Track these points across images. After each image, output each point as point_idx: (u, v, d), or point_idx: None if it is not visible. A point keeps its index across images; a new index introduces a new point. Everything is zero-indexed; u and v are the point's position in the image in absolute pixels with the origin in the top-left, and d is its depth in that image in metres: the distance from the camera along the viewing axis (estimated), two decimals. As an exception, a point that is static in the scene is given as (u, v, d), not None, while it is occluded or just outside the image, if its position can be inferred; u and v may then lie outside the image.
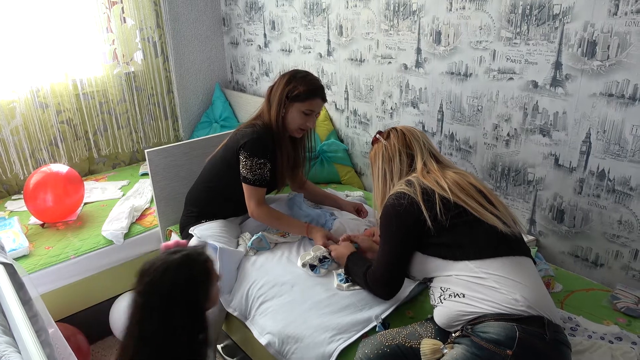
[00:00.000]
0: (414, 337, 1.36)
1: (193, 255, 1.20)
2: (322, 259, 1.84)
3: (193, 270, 1.17)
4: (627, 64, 1.62)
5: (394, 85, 2.46)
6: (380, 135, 1.57)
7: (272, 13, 3.09)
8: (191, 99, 3.58)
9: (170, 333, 1.11)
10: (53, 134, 2.94)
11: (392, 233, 1.40)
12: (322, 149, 2.77)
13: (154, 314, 1.11)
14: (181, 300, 1.12)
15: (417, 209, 1.33)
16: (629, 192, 1.74)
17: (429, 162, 1.47)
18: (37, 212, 2.41)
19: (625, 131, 1.69)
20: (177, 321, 1.11)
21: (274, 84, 1.97)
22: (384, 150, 1.51)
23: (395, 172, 1.48)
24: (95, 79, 3.06)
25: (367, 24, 2.49)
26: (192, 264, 1.18)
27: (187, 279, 1.15)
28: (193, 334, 1.13)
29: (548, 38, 1.80)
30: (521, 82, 1.93)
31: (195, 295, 1.15)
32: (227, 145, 2.01)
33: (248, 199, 1.96)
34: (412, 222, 1.35)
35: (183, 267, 1.16)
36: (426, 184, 1.38)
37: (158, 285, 1.13)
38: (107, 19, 3.02)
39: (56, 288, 2.21)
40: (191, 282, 1.15)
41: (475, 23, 2.01)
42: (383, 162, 1.51)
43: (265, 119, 1.97)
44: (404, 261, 1.41)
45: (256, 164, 1.90)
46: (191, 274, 1.16)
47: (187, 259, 1.18)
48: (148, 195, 2.75)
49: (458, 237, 1.32)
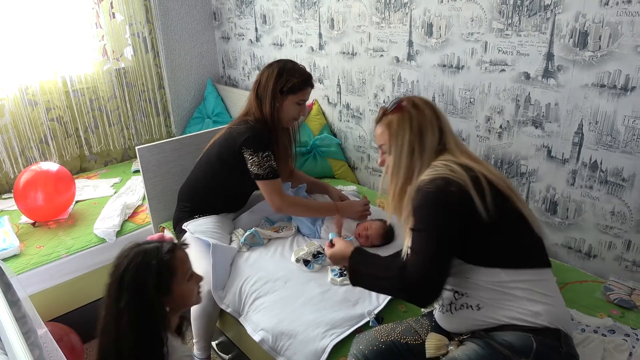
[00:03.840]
0: (409, 333, 1.34)
1: (159, 247, 1.20)
2: (316, 254, 1.83)
3: (149, 258, 1.17)
4: (618, 54, 1.61)
5: (386, 79, 2.44)
6: (405, 100, 1.30)
7: (263, 7, 3.06)
8: (183, 95, 3.55)
9: (115, 316, 1.14)
10: (43, 132, 2.91)
11: (438, 225, 1.15)
12: (315, 143, 2.76)
13: (108, 294, 1.16)
14: (129, 284, 1.14)
15: (468, 198, 1.12)
16: (621, 183, 1.74)
17: (458, 141, 1.30)
18: (28, 211, 2.39)
19: (617, 122, 1.68)
20: (123, 305, 1.13)
21: (261, 79, 1.94)
22: (413, 119, 1.26)
23: (428, 147, 1.24)
24: (85, 76, 3.03)
25: (358, 17, 2.47)
26: (152, 253, 1.18)
27: (140, 264, 1.16)
28: (138, 322, 1.13)
29: (539, 29, 1.79)
30: (513, 73, 1.92)
31: (143, 282, 1.14)
32: (222, 144, 1.98)
33: (269, 194, 1.94)
34: (462, 214, 1.13)
35: (142, 255, 1.18)
36: (472, 165, 1.18)
37: (116, 267, 1.18)
38: (96, 15, 2.98)
39: (48, 287, 2.19)
40: (142, 269, 1.15)
41: (466, 15, 2.00)
42: (411, 134, 1.25)
43: (257, 114, 1.94)
44: (449, 259, 1.16)
45: (262, 157, 1.89)
46: (146, 261, 1.16)
47: (151, 249, 1.19)
48: (140, 193, 2.73)
49: (501, 237, 1.16)
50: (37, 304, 2.03)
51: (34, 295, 2.12)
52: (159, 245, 1.22)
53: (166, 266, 1.18)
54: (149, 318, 1.14)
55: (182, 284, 1.23)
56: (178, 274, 1.21)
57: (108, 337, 1.16)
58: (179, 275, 1.21)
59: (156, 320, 1.16)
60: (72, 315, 2.27)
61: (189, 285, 1.25)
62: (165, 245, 1.22)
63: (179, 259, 1.23)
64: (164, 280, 1.17)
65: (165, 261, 1.18)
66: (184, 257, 1.26)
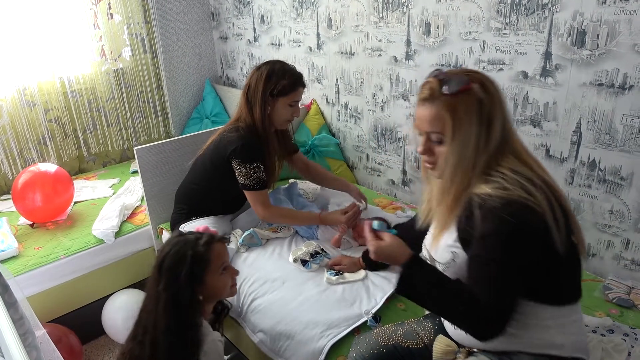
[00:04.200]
0: (411, 337, 1.30)
1: (198, 238, 1.28)
2: (314, 254, 1.83)
3: (187, 248, 1.24)
4: (616, 52, 1.61)
5: (385, 78, 2.44)
6: (470, 79, 1.05)
7: (261, 7, 3.06)
8: (181, 95, 3.55)
9: (154, 296, 1.23)
10: (41, 133, 2.91)
11: (516, 260, 1.00)
12: (313, 143, 2.75)
13: (152, 276, 1.25)
14: (166, 270, 1.23)
15: (547, 232, 0.99)
16: (619, 181, 1.74)
17: (517, 136, 1.11)
18: (26, 212, 2.39)
19: (616, 120, 1.68)
20: (161, 287, 1.21)
21: (250, 83, 1.91)
22: (483, 107, 1.04)
23: (494, 144, 1.05)
24: (83, 77, 3.02)
25: (356, 17, 2.47)
26: (190, 243, 1.26)
27: (177, 252, 1.24)
28: (172, 306, 1.20)
29: (537, 28, 1.79)
30: (511, 72, 1.91)
31: (178, 270, 1.22)
32: (213, 150, 1.97)
33: (253, 204, 1.95)
34: (541, 249, 1.01)
35: (181, 244, 1.26)
36: (544, 180, 1.03)
37: (160, 251, 1.28)
38: (93, 15, 2.98)
39: (47, 289, 2.19)
40: (179, 257, 1.23)
41: (464, 14, 1.99)
42: (480, 126, 1.04)
43: (248, 120, 1.91)
44: (517, 293, 1.04)
45: (250, 169, 1.87)
46: (183, 250, 1.24)
47: (191, 240, 1.27)
48: (139, 193, 2.72)
49: (560, 272, 1.05)
50: (36, 305, 2.03)
51: (32, 296, 2.11)
52: (198, 237, 1.29)
53: (200, 257, 1.25)
54: (182, 303, 1.21)
55: (215, 276, 1.29)
56: (211, 266, 1.27)
57: (147, 315, 1.24)
58: (212, 267, 1.27)
59: (189, 306, 1.22)
60: (71, 316, 2.27)
61: (222, 277, 1.31)
62: (204, 238, 1.29)
63: (214, 252, 1.29)
64: (197, 270, 1.24)
65: (200, 252, 1.25)
66: (221, 251, 1.32)
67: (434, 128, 1.08)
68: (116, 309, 2.23)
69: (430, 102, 1.08)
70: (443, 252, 1.13)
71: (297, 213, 2.02)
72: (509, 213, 0.97)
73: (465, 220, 1.06)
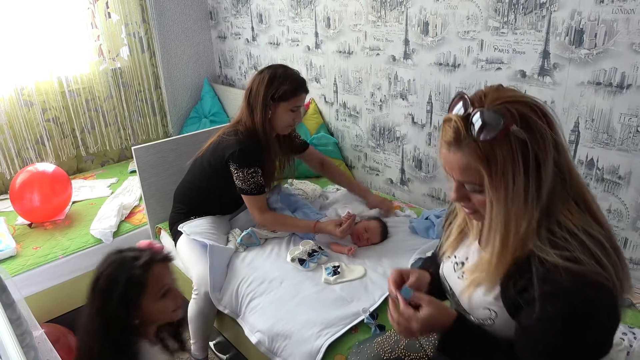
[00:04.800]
0: (414, 349, 1.21)
1: (136, 258, 1.15)
2: (311, 252, 1.83)
3: (120, 271, 1.14)
4: (614, 51, 1.61)
5: (383, 77, 2.44)
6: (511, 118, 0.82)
7: (259, 6, 3.05)
8: (180, 95, 3.54)
9: (89, 318, 1.15)
10: (39, 133, 2.90)
11: (578, 342, 0.85)
12: (312, 142, 2.74)
13: (87, 296, 1.17)
14: (98, 293, 1.14)
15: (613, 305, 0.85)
16: (617, 180, 1.74)
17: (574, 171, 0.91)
18: (24, 212, 2.38)
19: (614, 120, 1.68)
20: (94, 310, 1.14)
21: (252, 86, 1.90)
22: (525, 148, 0.83)
23: (547, 186, 0.85)
24: (81, 76, 3.02)
25: (354, 16, 2.46)
26: (126, 265, 1.14)
27: (110, 275, 1.14)
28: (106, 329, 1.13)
29: (535, 27, 1.79)
30: (509, 71, 1.91)
31: (109, 294, 1.12)
32: (212, 153, 1.96)
33: (250, 209, 1.95)
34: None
35: (116, 265, 1.15)
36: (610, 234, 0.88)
37: (96, 270, 1.18)
38: (91, 15, 2.97)
39: (45, 289, 2.18)
40: (111, 281, 1.13)
41: (462, 13, 1.99)
42: (527, 173, 0.83)
43: (248, 124, 1.90)
44: None
45: (247, 174, 1.87)
46: (115, 274, 1.14)
47: (127, 261, 1.15)
48: (137, 193, 2.72)
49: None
50: (34, 305, 2.03)
51: (31, 296, 2.11)
52: (137, 257, 1.16)
53: (136, 281, 1.13)
54: (115, 328, 1.12)
55: (153, 301, 1.17)
56: (148, 290, 1.15)
57: (83, 337, 1.17)
58: (149, 291, 1.15)
59: (122, 331, 1.13)
60: (70, 316, 2.26)
61: (161, 302, 1.18)
62: (142, 258, 1.16)
63: (152, 275, 1.16)
64: (132, 295, 1.13)
65: (135, 276, 1.13)
66: (161, 273, 1.19)
67: (467, 178, 0.89)
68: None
69: (456, 148, 0.87)
70: (478, 308, 0.98)
71: (293, 220, 1.99)
72: (581, 296, 0.81)
73: (515, 283, 0.89)
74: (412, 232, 2.04)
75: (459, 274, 1.06)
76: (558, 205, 0.87)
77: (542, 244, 0.86)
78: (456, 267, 1.08)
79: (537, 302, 0.84)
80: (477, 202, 0.91)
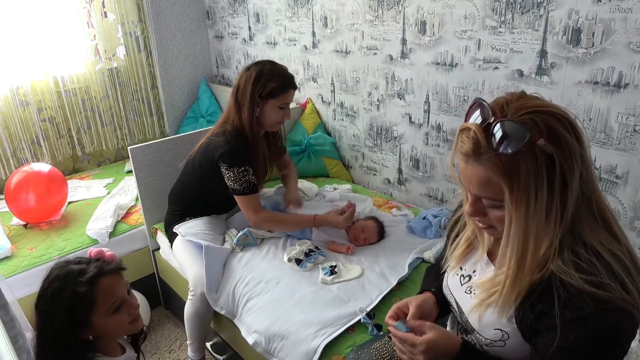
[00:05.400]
0: None
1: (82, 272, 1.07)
2: (308, 252, 1.82)
3: (64, 288, 1.05)
4: (611, 51, 1.61)
5: (380, 77, 2.43)
6: (538, 130, 0.78)
7: (256, 5, 3.04)
8: (176, 94, 3.53)
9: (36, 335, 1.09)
10: (35, 133, 2.89)
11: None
12: (309, 142, 2.74)
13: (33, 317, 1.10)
14: (41, 311, 1.08)
15: (635, 330, 0.83)
16: (615, 180, 1.73)
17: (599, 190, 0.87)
18: (20, 213, 2.37)
19: (611, 119, 1.68)
20: (38, 328, 1.07)
21: (239, 83, 1.87)
22: (551, 162, 0.78)
23: (571, 205, 0.81)
24: (77, 76, 3.00)
25: (351, 15, 2.45)
26: (71, 281, 1.06)
27: (54, 292, 1.06)
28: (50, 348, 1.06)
29: (533, 26, 1.78)
30: (507, 71, 1.91)
31: (52, 314, 1.05)
32: (202, 155, 1.94)
33: (244, 210, 1.91)
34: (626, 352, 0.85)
35: (60, 280, 1.07)
36: (634, 257, 0.85)
37: (41, 285, 1.10)
38: (87, 14, 2.96)
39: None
40: (55, 299, 1.05)
41: (459, 12, 1.99)
42: (551, 189, 0.79)
43: (236, 122, 1.88)
44: None
45: (238, 173, 1.84)
46: (59, 291, 1.05)
47: (72, 275, 1.07)
48: (133, 193, 2.71)
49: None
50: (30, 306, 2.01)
51: (26, 297, 2.09)
52: (82, 270, 1.07)
53: (82, 299, 1.04)
54: (61, 348, 1.05)
55: (105, 317, 1.08)
56: (98, 307, 1.07)
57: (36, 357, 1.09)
58: (99, 308, 1.07)
59: (70, 351, 1.05)
60: (65, 317, 2.25)
61: (115, 317, 1.10)
62: (90, 272, 1.07)
63: (101, 291, 1.07)
64: (80, 314, 1.05)
65: (80, 293, 1.04)
66: (112, 287, 1.10)
67: (486, 193, 0.84)
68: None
69: (475, 160, 0.82)
70: (489, 328, 0.94)
71: (290, 217, 1.97)
72: (607, 324, 0.78)
73: (533, 306, 0.85)
74: (410, 232, 2.03)
75: (465, 288, 1.03)
76: (583, 224, 0.83)
77: (566, 267, 0.81)
78: (462, 279, 1.05)
79: (558, 329, 0.80)
80: (494, 218, 0.87)
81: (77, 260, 1.11)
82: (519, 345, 0.91)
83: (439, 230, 1.97)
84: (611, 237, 0.85)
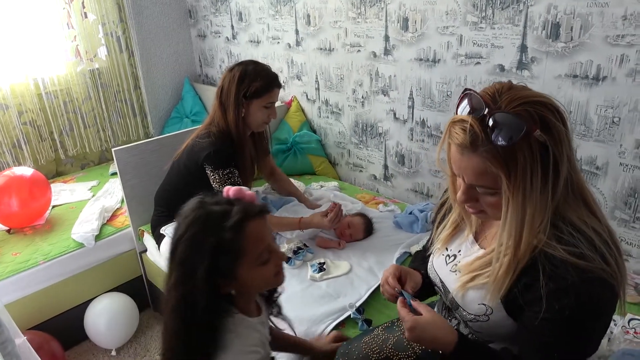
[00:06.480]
0: (402, 347, 1.18)
1: (226, 214, 0.90)
2: (297, 250, 1.83)
3: (208, 233, 0.89)
4: (589, 44, 1.64)
5: (364, 74, 2.45)
6: (533, 124, 0.82)
7: (238, 4, 3.03)
8: (160, 95, 3.50)
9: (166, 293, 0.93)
10: (16, 136, 2.84)
11: (591, 333, 0.87)
12: (294, 140, 2.75)
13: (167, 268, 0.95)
14: (179, 261, 0.91)
15: (616, 302, 0.87)
16: (595, 171, 1.77)
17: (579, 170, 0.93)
18: (3, 218, 2.33)
19: (590, 111, 1.71)
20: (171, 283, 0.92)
21: (223, 84, 1.86)
22: (545, 149, 0.83)
23: (561, 186, 0.86)
24: (58, 78, 2.96)
25: (334, 12, 2.46)
26: (214, 224, 0.90)
27: (194, 238, 0.90)
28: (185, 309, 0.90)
29: (513, 21, 1.81)
30: (488, 66, 1.94)
31: (193, 264, 0.89)
32: (187, 157, 1.93)
33: None
34: (608, 323, 0.90)
35: (201, 223, 0.90)
36: (612, 233, 0.90)
37: (175, 230, 0.94)
38: (67, 15, 2.92)
39: (26, 295, 2.14)
40: (196, 247, 0.89)
41: (441, 8, 2.01)
42: (545, 174, 0.84)
43: (221, 123, 1.87)
44: None
45: (223, 175, 1.83)
46: (201, 237, 0.89)
47: (215, 217, 0.90)
48: (119, 195, 2.68)
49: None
50: (16, 312, 1.99)
51: (12, 303, 2.07)
52: (225, 212, 0.90)
53: (229, 247, 0.89)
54: (197, 306, 0.88)
55: (252, 269, 0.93)
56: (246, 258, 0.91)
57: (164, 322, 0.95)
58: (247, 259, 0.91)
59: (207, 309, 0.89)
60: (53, 322, 2.23)
61: (263, 269, 0.95)
62: (234, 215, 0.90)
63: (250, 237, 0.91)
64: (225, 264, 0.89)
65: (227, 241, 0.88)
66: (260, 232, 0.93)
67: (482, 182, 0.87)
68: (98, 314, 2.20)
69: (472, 152, 0.84)
70: (472, 303, 0.97)
71: (275, 219, 1.96)
72: (589, 293, 0.82)
73: (518, 280, 0.88)
74: (397, 227, 2.05)
75: (450, 267, 1.06)
76: (565, 203, 0.88)
77: (548, 239, 0.85)
78: (447, 259, 1.08)
79: (543, 300, 0.83)
80: (487, 204, 0.91)
81: (214, 201, 0.94)
82: (502, 320, 0.94)
83: (425, 224, 1.99)
84: (592, 215, 0.90)
